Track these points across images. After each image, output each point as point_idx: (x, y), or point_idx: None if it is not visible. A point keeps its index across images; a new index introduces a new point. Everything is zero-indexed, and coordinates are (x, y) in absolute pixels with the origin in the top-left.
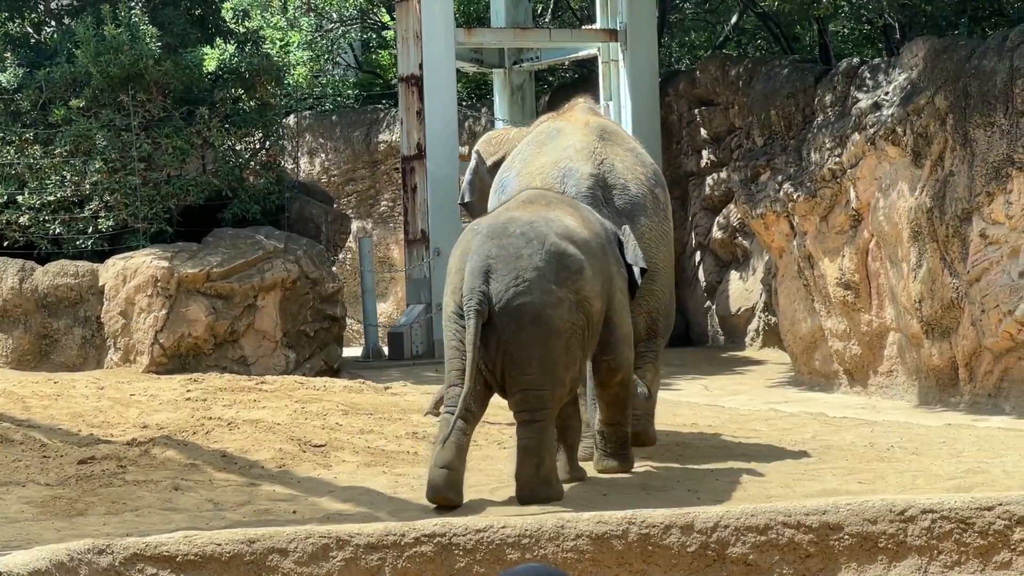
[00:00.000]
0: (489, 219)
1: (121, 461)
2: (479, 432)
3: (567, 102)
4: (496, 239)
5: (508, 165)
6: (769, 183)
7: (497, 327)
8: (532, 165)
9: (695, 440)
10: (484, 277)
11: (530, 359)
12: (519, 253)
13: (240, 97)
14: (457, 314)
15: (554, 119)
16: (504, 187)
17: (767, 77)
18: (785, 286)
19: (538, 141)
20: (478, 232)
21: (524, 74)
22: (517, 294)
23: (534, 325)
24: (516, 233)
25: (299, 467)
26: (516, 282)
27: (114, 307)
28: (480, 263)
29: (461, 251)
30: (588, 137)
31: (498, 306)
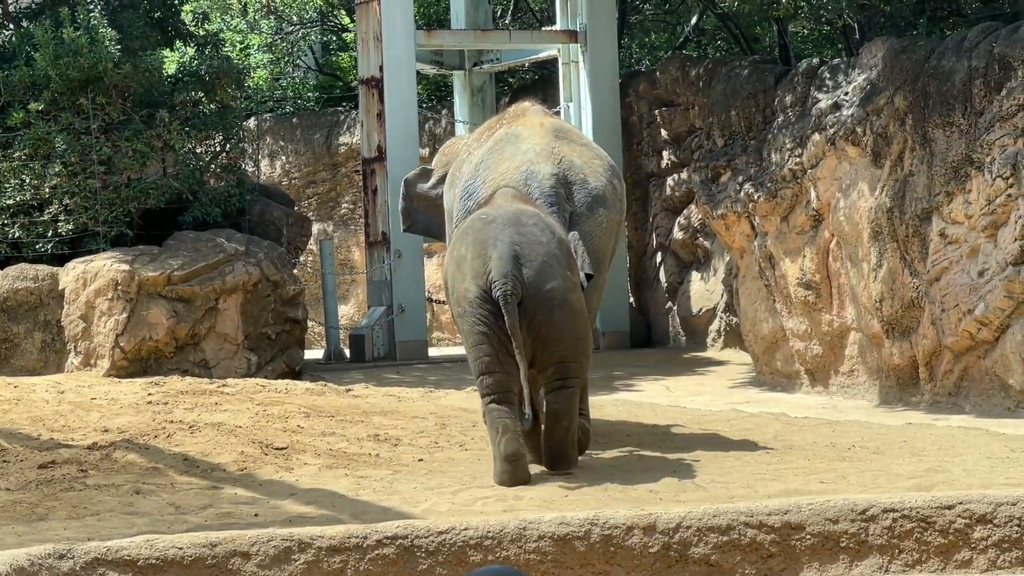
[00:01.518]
0: (495, 210)
1: (82, 465)
2: (440, 434)
3: (513, 107)
4: (515, 227)
5: (472, 173)
6: (730, 184)
7: (529, 310)
8: (496, 171)
9: (657, 441)
10: (515, 262)
11: (561, 337)
12: (539, 240)
13: (200, 100)
14: (481, 298)
15: (509, 125)
16: (471, 195)
17: (727, 78)
18: (746, 286)
19: (497, 148)
20: (492, 221)
21: (484, 76)
22: (546, 279)
23: (561, 308)
24: (530, 223)
25: (261, 470)
26: (544, 267)
27: (74, 311)
28: (507, 249)
29: (475, 239)
30: (545, 138)
31: (530, 290)
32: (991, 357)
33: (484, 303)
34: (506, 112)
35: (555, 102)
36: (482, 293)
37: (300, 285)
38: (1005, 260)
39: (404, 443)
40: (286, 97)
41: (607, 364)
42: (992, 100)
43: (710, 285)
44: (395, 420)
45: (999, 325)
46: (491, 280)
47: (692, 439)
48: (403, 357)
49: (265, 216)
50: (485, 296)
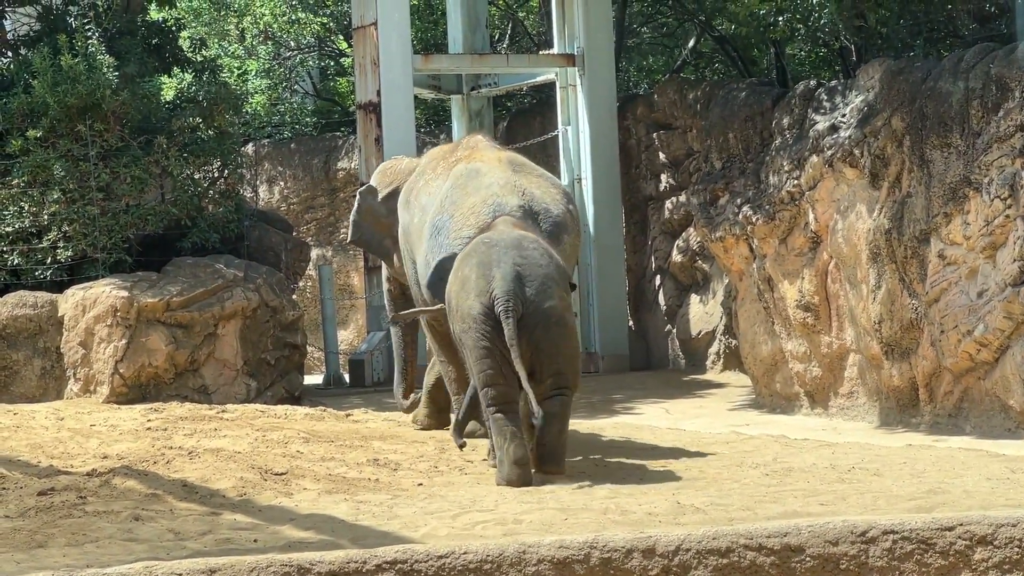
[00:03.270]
0: (497, 235)
1: (81, 492)
2: (440, 458)
3: (464, 140)
4: (517, 250)
5: (438, 208)
6: (728, 206)
7: (528, 325)
8: (464, 205)
9: (657, 464)
10: (519, 282)
11: (559, 351)
12: (539, 263)
13: (198, 126)
14: (484, 315)
15: (467, 161)
16: (440, 228)
17: (724, 100)
18: (745, 309)
19: (459, 184)
20: (495, 244)
21: (482, 100)
22: (545, 298)
23: (558, 324)
24: (531, 247)
25: (260, 496)
26: (543, 288)
27: (73, 337)
28: (510, 270)
29: (479, 260)
30: (505, 172)
31: (531, 308)
32: (991, 378)
33: (487, 319)
34: (459, 144)
35: (553, 126)
36: (485, 310)
37: (299, 310)
38: (1004, 281)
39: (404, 468)
40: (284, 122)
41: (606, 387)
42: (989, 121)
43: (709, 308)
44: (394, 445)
45: (999, 346)
46: (494, 297)
47: (691, 461)
48: None
49: (264, 241)
50: (488, 312)
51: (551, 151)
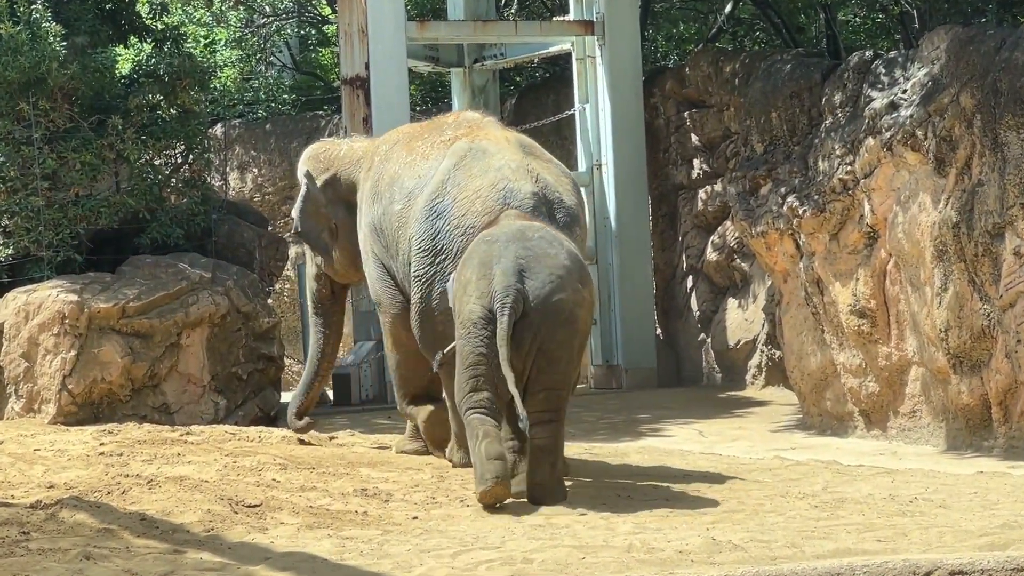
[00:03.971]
0: (498, 230)
1: (24, 527)
2: (438, 488)
3: (455, 116)
4: (520, 242)
5: (437, 191)
6: (770, 196)
7: (533, 324)
8: (468, 189)
9: (689, 494)
10: (519, 276)
11: (559, 359)
12: (546, 252)
13: (159, 104)
14: (485, 319)
15: (470, 138)
16: (440, 213)
17: (767, 74)
18: (790, 315)
19: (464, 165)
20: (495, 240)
21: (487, 74)
22: (553, 290)
23: (567, 324)
24: (535, 237)
25: (230, 531)
26: (551, 278)
27: (15, 348)
28: (512, 263)
29: (479, 260)
30: (517, 154)
31: (535, 303)
32: None
33: (487, 324)
34: (443, 122)
35: (568, 104)
36: (485, 313)
37: (275, 317)
38: None
39: (396, 499)
40: (258, 100)
41: (631, 405)
42: None
43: (749, 314)
44: (386, 472)
45: None
46: (493, 296)
47: (729, 491)
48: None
49: (234, 237)
50: (489, 316)
51: (566, 133)
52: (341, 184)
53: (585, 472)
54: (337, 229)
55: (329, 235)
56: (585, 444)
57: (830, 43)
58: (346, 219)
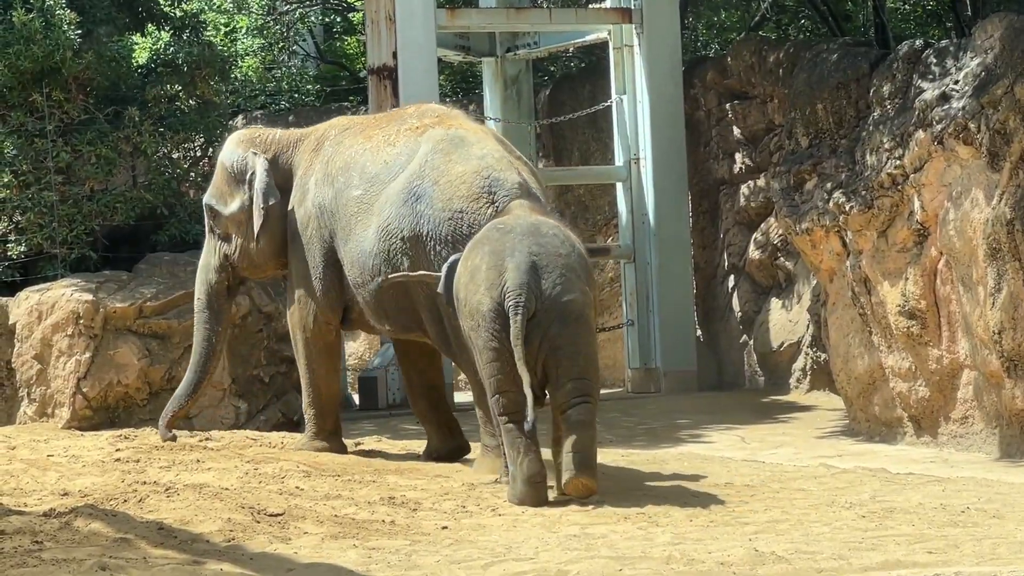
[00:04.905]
0: (512, 220)
1: (37, 536)
2: (468, 496)
3: (415, 108)
4: (533, 237)
5: (416, 174)
6: (816, 192)
7: (543, 323)
8: (450, 174)
9: (730, 503)
10: (533, 273)
11: (579, 352)
12: (558, 251)
13: (177, 95)
14: (494, 312)
15: (443, 126)
16: (419, 196)
17: (812, 64)
18: (837, 316)
19: (443, 150)
20: (509, 231)
21: (520, 63)
22: (564, 291)
23: (578, 322)
24: (549, 233)
25: (252, 541)
26: (562, 280)
27: (27, 350)
28: (526, 259)
29: (491, 249)
30: (497, 145)
31: (546, 302)
32: None
33: (498, 316)
34: (403, 112)
35: (605, 95)
36: (496, 306)
37: None
38: None
39: (425, 507)
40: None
41: (669, 410)
42: None
43: (793, 315)
44: (414, 480)
45: None
46: (506, 291)
47: (772, 500)
48: None
49: None
50: (499, 309)
51: (602, 125)
52: (278, 169)
53: (622, 480)
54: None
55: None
56: (622, 450)
57: (878, 32)
58: (277, 206)
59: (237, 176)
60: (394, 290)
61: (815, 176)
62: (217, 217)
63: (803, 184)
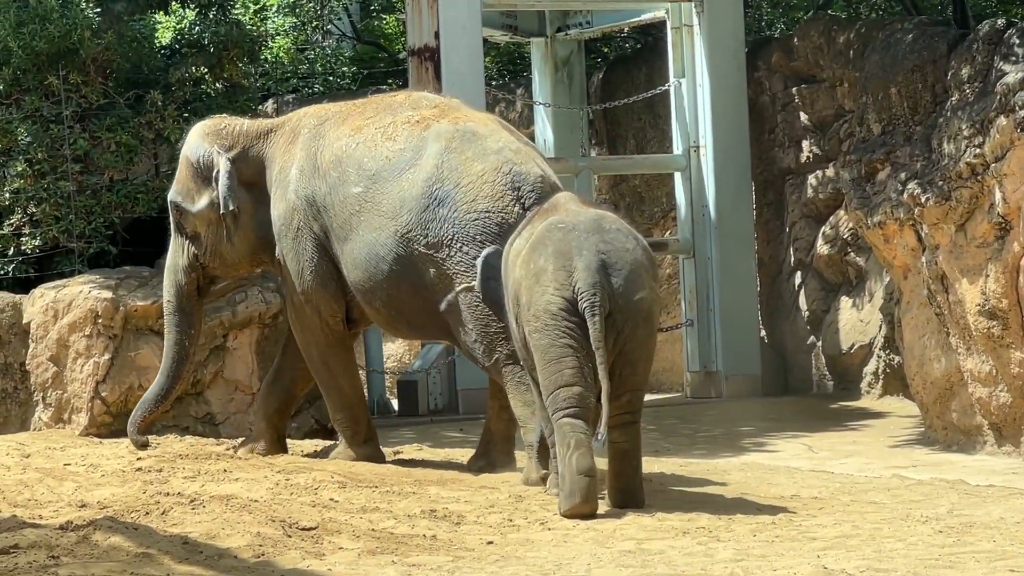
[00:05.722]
0: (572, 217)
1: (53, 550)
2: (516, 508)
3: (404, 97)
4: (599, 234)
5: (434, 176)
6: (889, 183)
7: (616, 323)
8: (470, 173)
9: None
10: (604, 272)
11: (639, 359)
12: (625, 247)
13: (203, 77)
14: (567, 311)
15: (451, 120)
16: (442, 200)
17: (885, 45)
18: (911, 316)
19: (455, 148)
20: (572, 228)
21: (571, 44)
22: (635, 289)
23: (646, 323)
24: (613, 229)
25: (283, 556)
26: (633, 276)
27: (42, 351)
28: (595, 258)
29: (556, 249)
30: (511, 137)
31: (619, 301)
32: None
33: (569, 316)
34: (391, 101)
35: (662, 78)
36: (567, 305)
37: None
38: None
39: (468, 521)
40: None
41: (731, 417)
42: None
43: (864, 314)
44: (457, 491)
45: None
46: (577, 291)
47: (842, 514)
48: (467, 410)
49: None
50: (570, 308)
51: (660, 111)
52: (248, 162)
53: (680, 492)
54: (240, 212)
55: (232, 219)
56: (681, 460)
57: (957, 10)
58: (249, 201)
59: (203, 172)
60: (420, 296)
61: (888, 166)
62: (184, 215)
63: (875, 174)
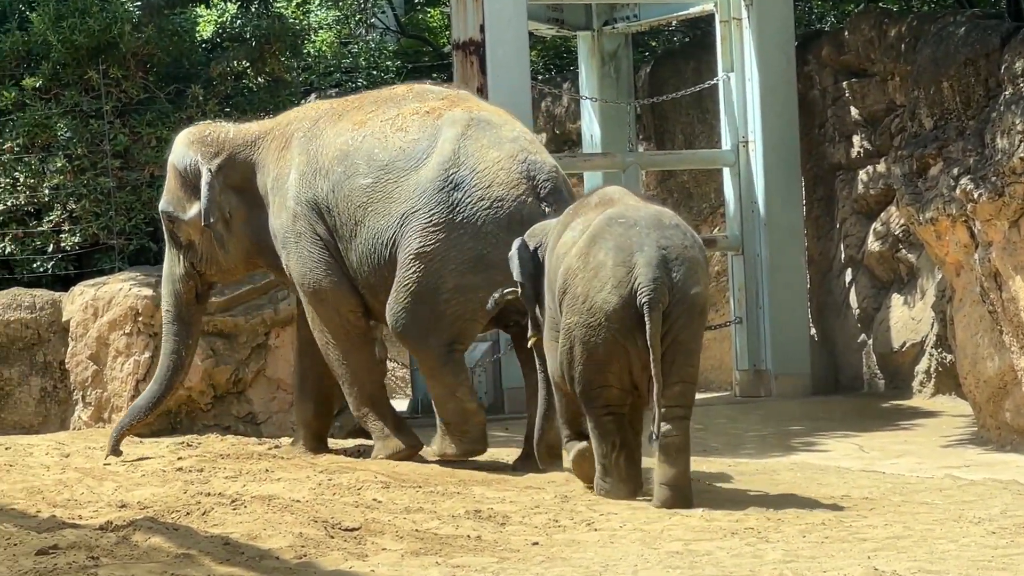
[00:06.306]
0: (631, 212)
1: (92, 551)
2: (561, 509)
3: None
4: (659, 230)
5: (450, 161)
6: (941, 178)
7: (672, 315)
8: (487, 159)
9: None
10: (664, 267)
11: (694, 351)
12: (683, 243)
13: (245, 72)
14: (623, 309)
15: (465, 108)
16: (458, 185)
17: (938, 38)
18: (964, 313)
19: (471, 136)
20: (634, 224)
21: (618, 38)
22: (692, 284)
23: (700, 316)
24: (672, 225)
25: (325, 557)
26: (691, 272)
27: (82, 349)
28: (656, 253)
29: (615, 244)
30: (522, 127)
31: (678, 296)
32: None
33: (626, 314)
34: (393, 94)
35: (711, 73)
36: (624, 303)
37: None
38: None
39: (514, 521)
40: (357, 67)
41: (781, 416)
42: None
43: (916, 312)
44: (502, 491)
45: None
46: (637, 287)
47: (893, 515)
48: (513, 409)
49: None
50: (627, 307)
51: (708, 106)
52: (236, 168)
53: (729, 492)
54: (232, 219)
55: (224, 226)
56: (729, 460)
57: (1010, 3)
58: (240, 207)
59: (192, 180)
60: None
61: (940, 161)
62: (176, 224)
63: (927, 169)
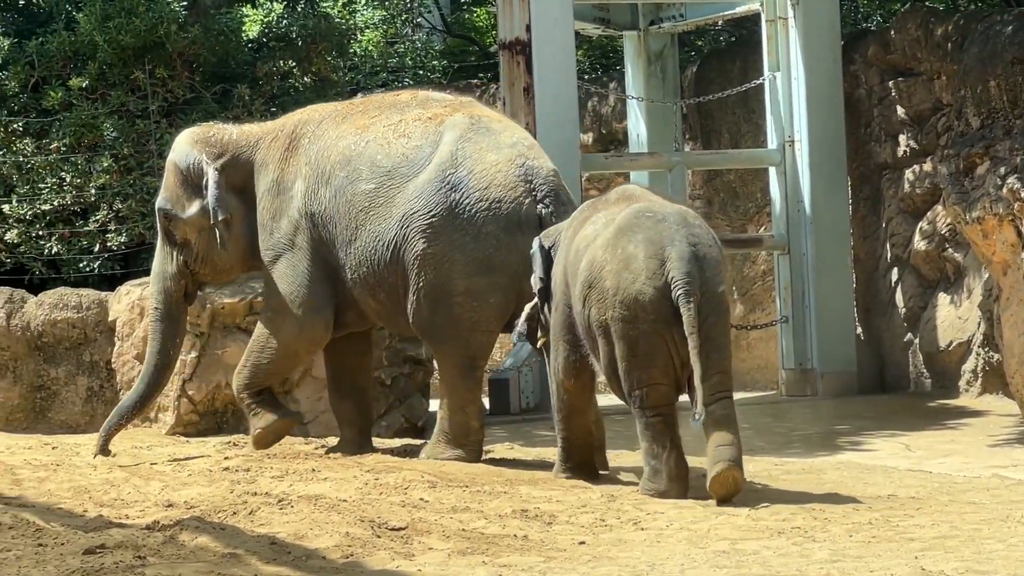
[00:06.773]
0: (660, 207)
1: (139, 551)
2: (608, 508)
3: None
4: (687, 227)
5: (448, 162)
6: (988, 177)
7: (703, 311)
8: (484, 162)
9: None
10: (696, 263)
11: (724, 346)
12: (708, 242)
13: (291, 71)
14: (658, 301)
15: (466, 112)
16: (455, 186)
17: (985, 37)
18: (1011, 313)
19: (470, 138)
20: (663, 219)
21: (664, 37)
22: (718, 282)
23: (727, 314)
24: (697, 224)
25: (372, 557)
26: (717, 269)
27: (128, 349)
28: (687, 249)
29: (646, 237)
30: (523, 132)
31: (707, 292)
32: None
33: (661, 306)
34: (396, 100)
35: (757, 72)
36: (659, 295)
37: None
38: None
39: (560, 521)
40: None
41: (827, 415)
42: None
43: (963, 311)
44: (548, 491)
45: None
46: (671, 279)
47: (940, 514)
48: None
49: None
50: (661, 299)
51: (754, 105)
52: (238, 169)
53: (775, 491)
54: (232, 219)
55: (224, 226)
56: (776, 459)
57: None
58: (240, 207)
59: (193, 180)
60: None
61: (987, 160)
62: (174, 221)
63: (974, 169)
